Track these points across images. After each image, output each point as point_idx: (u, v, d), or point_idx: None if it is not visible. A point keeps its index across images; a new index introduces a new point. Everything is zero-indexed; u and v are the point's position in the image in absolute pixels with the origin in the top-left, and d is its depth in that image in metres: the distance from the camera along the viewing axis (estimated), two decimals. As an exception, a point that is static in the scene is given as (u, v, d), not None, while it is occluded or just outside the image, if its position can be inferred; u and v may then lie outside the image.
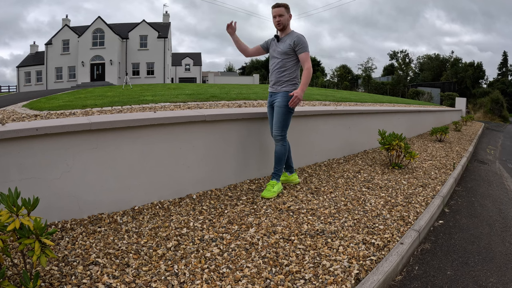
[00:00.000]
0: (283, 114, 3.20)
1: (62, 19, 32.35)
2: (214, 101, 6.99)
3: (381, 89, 41.58)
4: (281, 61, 3.23)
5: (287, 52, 3.18)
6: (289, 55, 3.19)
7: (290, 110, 3.22)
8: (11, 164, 2.22)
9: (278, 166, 3.31)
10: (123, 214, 2.65)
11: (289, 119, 3.27)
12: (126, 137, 2.72)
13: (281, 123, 3.22)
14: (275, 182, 3.27)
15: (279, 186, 3.30)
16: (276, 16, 3.19)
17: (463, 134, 11.19)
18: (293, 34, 3.20)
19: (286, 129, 3.27)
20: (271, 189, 3.22)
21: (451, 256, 2.51)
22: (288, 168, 3.62)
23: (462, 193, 4.29)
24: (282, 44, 3.21)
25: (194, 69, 41.26)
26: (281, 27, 3.23)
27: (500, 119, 28.49)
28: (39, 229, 1.56)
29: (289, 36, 3.20)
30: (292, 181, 3.66)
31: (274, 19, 3.21)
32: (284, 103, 3.18)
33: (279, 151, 3.28)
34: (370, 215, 2.91)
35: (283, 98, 3.19)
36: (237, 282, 1.85)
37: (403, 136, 4.84)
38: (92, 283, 1.76)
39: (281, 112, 3.20)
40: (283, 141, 3.26)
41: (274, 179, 3.30)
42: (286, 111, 3.21)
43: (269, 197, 3.16)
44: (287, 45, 3.16)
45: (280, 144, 3.27)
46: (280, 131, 3.24)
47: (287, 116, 3.23)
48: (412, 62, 50.91)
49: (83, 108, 5.52)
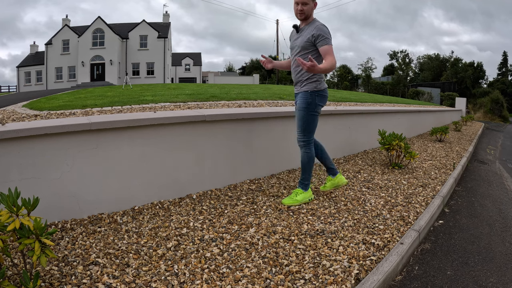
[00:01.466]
0: (303, 117, 2.88)
1: (62, 19, 32.38)
2: (214, 101, 6.99)
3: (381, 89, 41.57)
4: (299, 56, 2.83)
5: (305, 47, 2.79)
6: (308, 50, 2.79)
7: (311, 112, 2.87)
8: (11, 164, 2.22)
9: (303, 174, 3.02)
10: (123, 214, 2.65)
11: (312, 122, 2.90)
12: (126, 137, 2.72)
13: (301, 127, 2.90)
14: (300, 190, 3.02)
15: (306, 195, 3.02)
16: (299, 4, 2.74)
17: (463, 134, 11.19)
18: (313, 24, 2.78)
19: (309, 134, 2.92)
20: (293, 197, 2.99)
21: (451, 256, 2.51)
22: (329, 171, 3.22)
23: (462, 193, 4.29)
24: (301, 37, 2.83)
25: (194, 69, 41.26)
26: (303, 17, 2.81)
27: (500, 119, 28.48)
28: (39, 229, 1.56)
29: (309, 26, 2.80)
30: (339, 184, 3.21)
31: (296, 6, 2.77)
32: (303, 104, 2.86)
33: (302, 159, 2.99)
34: (370, 215, 2.91)
35: (302, 99, 2.87)
36: (237, 282, 1.85)
37: (403, 136, 4.84)
38: (92, 283, 1.76)
39: (301, 115, 2.89)
40: (306, 147, 2.93)
41: (299, 187, 3.05)
42: (307, 114, 2.87)
43: (289, 204, 2.95)
44: (306, 38, 2.78)
45: (303, 151, 2.96)
46: (302, 136, 2.93)
47: (308, 118, 2.88)
48: (412, 62, 50.94)
49: (83, 108, 5.52)
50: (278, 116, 3.97)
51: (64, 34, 31.00)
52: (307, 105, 2.86)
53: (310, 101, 2.86)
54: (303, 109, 2.88)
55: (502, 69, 47.52)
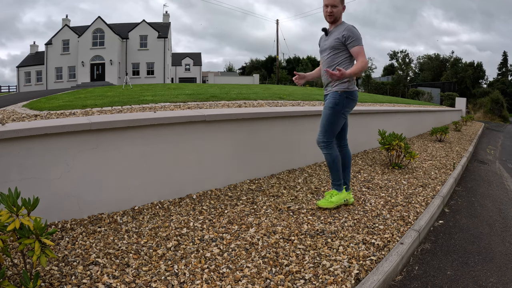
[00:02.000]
0: (328, 116, 2.82)
1: (62, 19, 32.38)
2: (214, 101, 6.99)
3: (381, 89, 41.53)
4: (329, 58, 2.83)
5: (335, 47, 2.78)
6: (337, 50, 2.78)
7: (337, 112, 2.80)
8: (11, 164, 2.22)
9: (332, 175, 2.97)
10: (123, 214, 2.65)
11: (335, 123, 2.84)
12: (126, 137, 2.72)
13: (324, 126, 2.85)
14: (335, 192, 2.95)
15: (340, 197, 2.96)
16: (329, 6, 2.72)
17: (463, 134, 11.19)
18: (342, 26, 2.78)
19: (329, 135, 2.86)
20: (328, 199, 2.91)
21: (451, 256, 2.51)
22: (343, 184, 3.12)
23: (462, 193, 4.29)
24: (330, 38, 2.83)
25: (194, 69, 41.26)
26: (332, 20, 2.80)
27: (500, 119, 28.49)
28: (39, 229, 1.56)
29: (338, 28, 2.80)
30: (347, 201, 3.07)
31: (325, 9, 2.76)
32: (331, 104, 2.81)
33: (327, 161, 2.92)
34: (370, 215, 2.91)
35: (331, 99, 2.82)
36: (237, 282, 1.85)
37: (403, 136, 4.84)
38: (92, 283, 1.76)
39: (327, 114, 2.83)
40: (327, 148, 2.86)
41: (333, 188, 2.99)
42: (332, 113, 2.81)
43: (325, 207, 2.89)
44: (335, 39, 2.77)
45: (324, 153, 2.89)
46: (322, 136, 2.86)
47: (332, 118, 2.82)
48: (412, 62, 50.92)
49: (83, 108, 5.52)
50: (278, 116, 3.97)
51: (64, 34, 30.99)
52: (335, 105, 2.80)
53: (338, 101, 2.80)
54: (329, 108, 2.83)
55: (502, 69, 47.52)
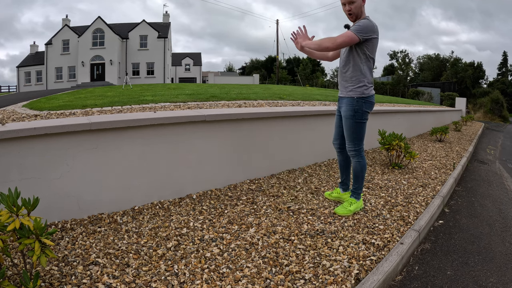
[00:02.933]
0: (351, 126, 2.76)
1: (62, 19, 32.36)
2: (214, 101, 6.99)
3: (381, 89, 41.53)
4: (345, 55, 2.71)
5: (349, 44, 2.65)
6: (352, 47, 2.65)
7: (358, 119, 2.73)
8: (11, 164, 2.23)
9: (355, 183, 2.92)
10: (123, 214, 2.65)
11: (360, 130, 2.78)
12: (126, 137, 2.72)
13: (351, 136, 2.79)
14: (354, 200, 2.91)
15: (358, 205, 2.93)
16: (346, 4, 2.59)
17: (463, 134, 11.19)
18: (361, 20, 2.60)
19: (359, 142, 2.81)
20: (347, 207, 2.86)
21: (451, 256, 2.51)
22: (342, 185, 3.18)
23: (462, 193, 4.29)
24: None
25: (194, 69, 41.26)
26: (354, 18, 2.63)
27: (500, 119, 28.49)
28: (39, 229, 1.56)
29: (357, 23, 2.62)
30: (344, 200, 3.09)
31: (344, 8, 2.62)
32: (350, 112, 2.72)
33: (355, 168, 2.88)
34: (370, 215, 2.91)
35: (348, 106, 2.74)
36: (237, 282, 1.85)
37: (403, 136, 4.84)
38: (92, 283, 1.76)
39: (349, 124, 2.76)
40: (358, 156, 2.83)
41: (353, 196, 2.95)
42: (354, 122, 2.74)
43: (342, 214, 2.83)
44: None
45: (355, 160, 2.85)
46: (353, 145, 2.81)
47: (356, 127, 2.75)
48: (412, 62, 50.95)
49: (83, 108, 5.52)
50: (278, 116, 3.97)
51: (64, 34, 30.98)
52: (354, 113, 2.72)
53: (357, 108, 2.71)
54: (350, 117, 2.74)
55: (502, 69, 47.54)
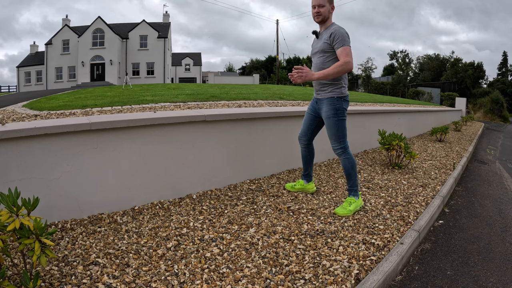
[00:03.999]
0: (335, 124, 2.84)
1: (62, 19, 32.40)
2: (214, 101, 6.99)
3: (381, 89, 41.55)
4: (320, 60, 2.83)
5: (324, 49, 2.78)
6: (327, 53, 2.78)
7: (340, 117, 2.84)
8: (11, 164, 2.22)
9: (350, 181, 2.96)
10: (123, 214, 2.65)
11: (343, 127, 2.87)
12: (126, 137, 2.72)
13: (335, 134, 2.86)
14: (353, 199, 2.94)
15: (358, 204, 2.95)
16: (316, 7, 2.76)
17: (463, 134, 11.19)
18: (331, 27, 2.76)
19: (344, 139, 2.89)
20: (347, 207, 2.88)
21: (451, 256, 2.51)
22: (306, 176, 3.34)
23: (462, 193, 4.29)
24: (320, 41, 2.84)
25: (194, 69, 41.27)
26: (320, 20, 2.81)
27: (500, 119, 28.50)
28: (39, 229, 1.56)
29: (327, 30, 2.78)
30: (308, 190, 3.37)
31: (313, 10, 2.79)
32: (332, 111, 2.82)
33: (344, 166, 2.93)
34: (370, 215, 2.91)
35: (329, 106, 2.83)
36: (237, 282, 1.85)
37: (403, 136, 4.84)
38: (92, 283, 1.76)
39: (332, 123, 2.84)
40: (345, 153, 2.90)
41: (350, 195, 2.97)
42: (337, 120, 2.84)
43: (343, 214, 2.84)
44: (325, 41, 2.77)
45: (343, 158, 2.92)
46: (338, 143, 2.88)
47: (339, 125, 2.85)
48: (412, 62, 50.96)
49: (83, 108, 5.52)
50: (278, 116, 3.97)
51: (64, 34, 30.99)
52: (336, 111, 2.82)
53: (338, 106, 2.82)
54: (333, 116, 2.83)
55: (502, 69, 47.57)
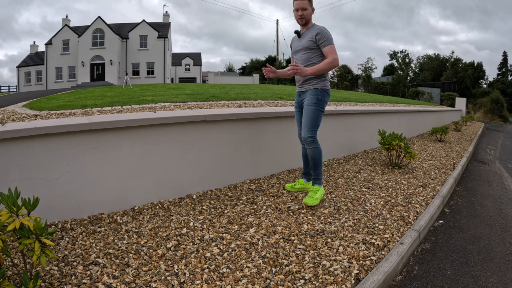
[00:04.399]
0: (313, 112, 2.95)
1: (62, 19, 32.39)
2: (214, 101, 6.99)
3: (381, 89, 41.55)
4: (305, 56, 2.99)
5: (310, 47, 2.95)
6: (312, 49, 2.95)
7: (320, 108, 2.98)
8: (11, 164, 2.22)
9: (316, 170, 3.05)
10: (123, 214, 2.65)
11: (319, 118, 3.00)
12: (126, 137, 2.72)
13: (310, 123, 2.96)
14: (317, 187, 3.04)
15: (322, 192, 3.07)
16: (299, 10, 2.93)
17: (463, 134, 11.19)
18: (314, 27, 2.97)
19: (316, 130, 3.00)
20: (313, 196, 2.98)
21: (451, 256, 2.51)
22: (306, 175, 3.36)
23: (462, 193, 4.29)
24: (303, 39, 3.00)
25: (194, 69, 41.26)
26: (304, 22, 2.99)
27: (500, 119, 28.50)
28: (39, 229, 1.56)
29: (311, 30, 2.97)
30: (308, 190, 3.28)
31: (296, 13, 2.96)
32: (314, 100, 2.96)
33: (312, 155, 3.01)
34: (370, 215, 2.91)
35: (313, 96, 2.97)
36: (237, 282, 1.85)
37: (403, 136, 4.84)
38: (92, 283, 1.76)
39: (311, 111, 2.95)
40: (314, 143, 2.98)
41: (315, 184, 3.07)
42: (317, 109, 2.96)
43: (313, 204, 2.93)
44: (309, 39, 2.94)
45: (311, 147, 2.99)
46: (309, 133, 2.96)
47: (318, 114, 2.97)
48: (412, 62, 50.98)
49: (83, 108, 5.52)
50: (278, 116, 3.97)
51: (64, 34, 30.99)
52: (318, 101, 2.97)
53: (321, 97, 2.98)
54: (313, 105, 2.96)
55: (502, 69, 47.55)
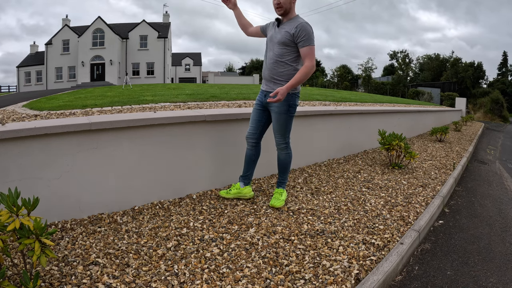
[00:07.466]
0: (286, 120, 2.81)
1: (62, 19, 32.39)
2: (214, 101, 6.99)
3: (381, 89, 41.59)
4: (278, 52, 2.70)
5: (285, 43, 2.65)
6: (288, 46, 2.66)
7: (291, 114, 2.82)
8: (11, 164, 2.22)
9: (283, 175, 3.04)
10: (123, 214, 2.65)
11: (291, 122, 2.88)
12: (126, 137, 2.72)
13: (283, 130, 2.85)
14: (282, 190, 3.05)
15: (285, 193, 3.09)
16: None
17: (463, 134, 11.19)
18: (295, 21, 2.64)
19: (289, 135, 2.92)
20: (279, 197, 2.98)
21: (451, 256, 2.51)
22: (244, 178, 3.10)
23: (462, 193, 4.29)
24: (281, 31, 2.68)
25: (194, 69, 41.28)
26: (282, 12, 2.68)
27: (500, 119, 28.49)
28: (39, 229, 1.56)
29: (291, 23, 2.66)
30: (245, 195, 3.08)
31: (273, 1, 2.67)
32: (285, 107, 2.76)
33: (284, 160, 2.97)
34: (370, 215, 2.91)
35: (283, 102, 2.73)
36: (237, 282, 1.85)
37: (403, 136, 4.84)
38: (92, 283, 1.76)
39: (284, 119, 2.81)
40: (288, 148, 2.94)
41: (280, 187, 3.06)
42: (288, 116, 2.81)
43: (280, 206, 2.94)
44: (286, 34, 2.64)
45: (284, 152, 2.95)
46: (283, 139, 2.89)
47: (290, 121, 2.85)
48: (412, 62, 51.01)
49: (83, 108, 5.52)
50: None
51: (64, 34, 31.00)
52: (289, 107, 2.77)
53: (291, 102, 2.77)
54: (285, 112, 2.77)
55: (502, 69, 47.59)
